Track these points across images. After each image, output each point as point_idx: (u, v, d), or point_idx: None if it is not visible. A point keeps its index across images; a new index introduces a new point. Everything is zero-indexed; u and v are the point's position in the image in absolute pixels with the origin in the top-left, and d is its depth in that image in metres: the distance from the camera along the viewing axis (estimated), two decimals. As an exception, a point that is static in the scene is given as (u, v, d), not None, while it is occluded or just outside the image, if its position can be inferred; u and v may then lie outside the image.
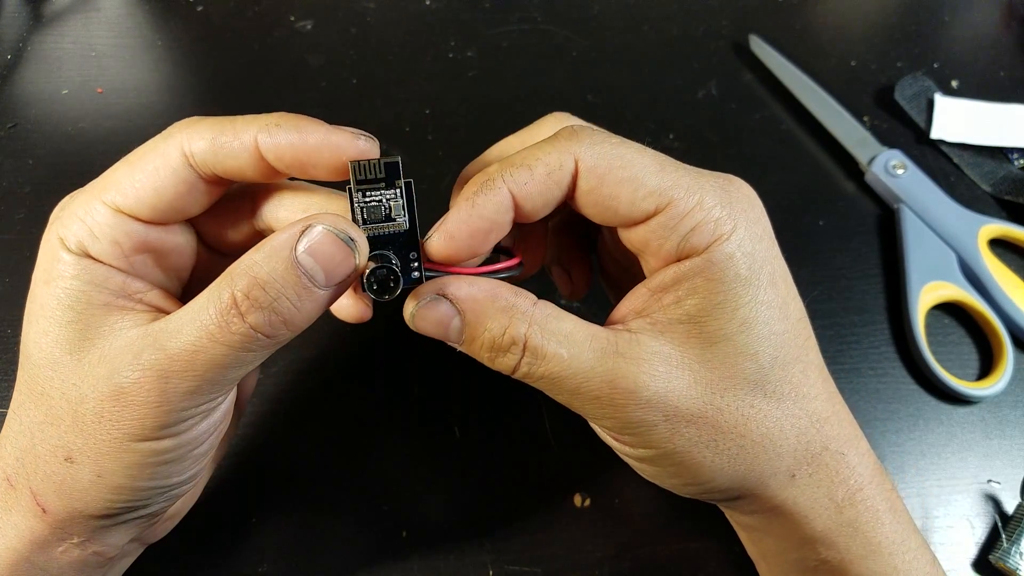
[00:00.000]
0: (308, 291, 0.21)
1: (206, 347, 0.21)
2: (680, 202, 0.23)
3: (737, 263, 0.23)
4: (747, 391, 0.24)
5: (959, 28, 0.50)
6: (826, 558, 0.25)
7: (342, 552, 0.32)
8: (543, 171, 0.23)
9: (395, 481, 0.34)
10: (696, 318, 0.23)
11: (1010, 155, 0.43)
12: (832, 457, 0.25)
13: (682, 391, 0.23)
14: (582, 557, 0.32)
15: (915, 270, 0.38)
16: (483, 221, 0.23)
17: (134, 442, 0.22)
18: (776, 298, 0.24)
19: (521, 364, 0.23)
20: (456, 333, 0.23)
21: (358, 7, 0.50)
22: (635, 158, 0.23)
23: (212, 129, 0.23)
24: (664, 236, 0.23)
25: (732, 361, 0.23)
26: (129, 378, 0.21)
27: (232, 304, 0.21)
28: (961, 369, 0.37)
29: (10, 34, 0.48)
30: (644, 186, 0.23)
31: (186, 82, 0.47)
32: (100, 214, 0.23)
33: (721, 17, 0.50)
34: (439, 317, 0.23)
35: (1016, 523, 0.32)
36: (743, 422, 0.23)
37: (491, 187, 0.23)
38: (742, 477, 0.24)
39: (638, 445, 0.24)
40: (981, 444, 0.35)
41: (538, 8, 0.50)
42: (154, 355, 0.21)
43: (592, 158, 0.23)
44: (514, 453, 0.34)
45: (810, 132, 0.45)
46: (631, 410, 0.23)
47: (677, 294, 0.24)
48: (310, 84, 0.46)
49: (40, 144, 0.43)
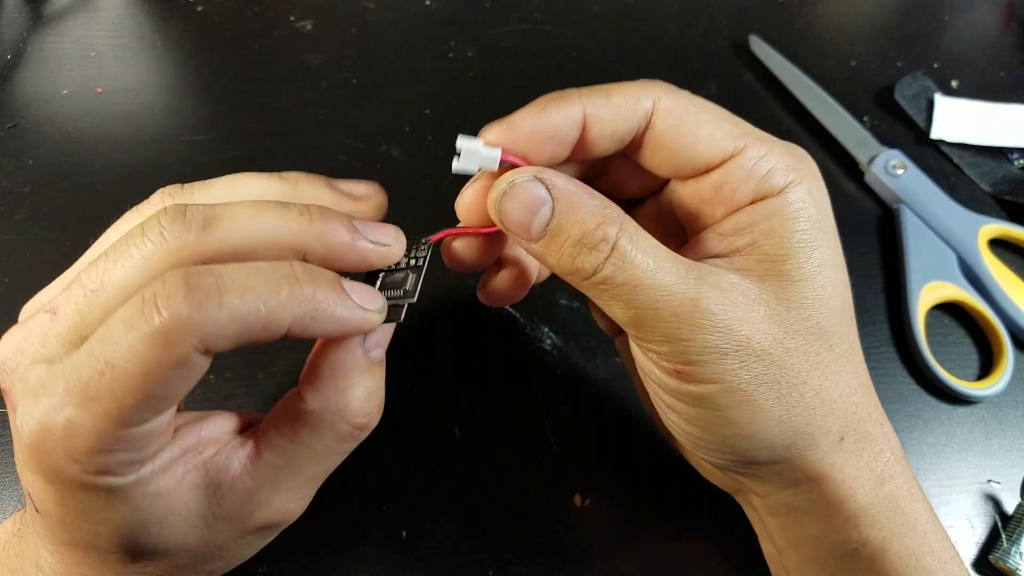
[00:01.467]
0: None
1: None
2: (753, 147, 0.24)
3: (810, 207, 0.24)
4: (815, 337, 0.23)
5: (959, 28, 0.50)
6: (868, 537, 0.24)
7: (342, 552, 0.32)
8: (620, 100, 0.23)
9: (395, 481, 0.34)
10: (774, 257, 0.23)
11: (1010, 155, 0.43)
12: (874, 426, 0.25)
13: (757, 324, 0.23)
14: (582, 557, 0.32)
15: (915, 270, 0.38)
16: (549, 125, 0.23)
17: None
18: (840, 250, 0.25)
19: (606, 264, 0.22)
20: (541, 222, 0.22)
21: (358, 7, 0.50)
22: (710, 105, 0.25)
23: (233, 326, 0.19)
24: (743, 176, 0.24)
25: (808, 303, 0.23)
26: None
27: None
28: (961, 369, 0.37)
29: (10, 34, 0.48)
30: (722, 127, 0.24)
31: (186, 82, 0.47)
32: (126, 439, 0.20)
33: (721, 17, 0.50)
34: (531, 200, 0.22)
35: (1016, 523, 0.32)
36: (807, 369, 0.23)
37: (565, 99, 0.23)
38: (795, 432, 0.23)
39: (703, 378, 0.23)
40: (981, 444, 0.35)
41: (538, 8, 0.50)
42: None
43: (670, 100, 0.24)
44: (514, 453, 0.34)
45: (810, 132, 0.45)
46: (707, 332, 0.22)
47: (753, 235, 0.24)
48: (310, 84, 0.46)
49: (40, 144, 0.43)
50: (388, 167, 0.43)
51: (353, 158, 0.43)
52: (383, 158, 0.43)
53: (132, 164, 0.43)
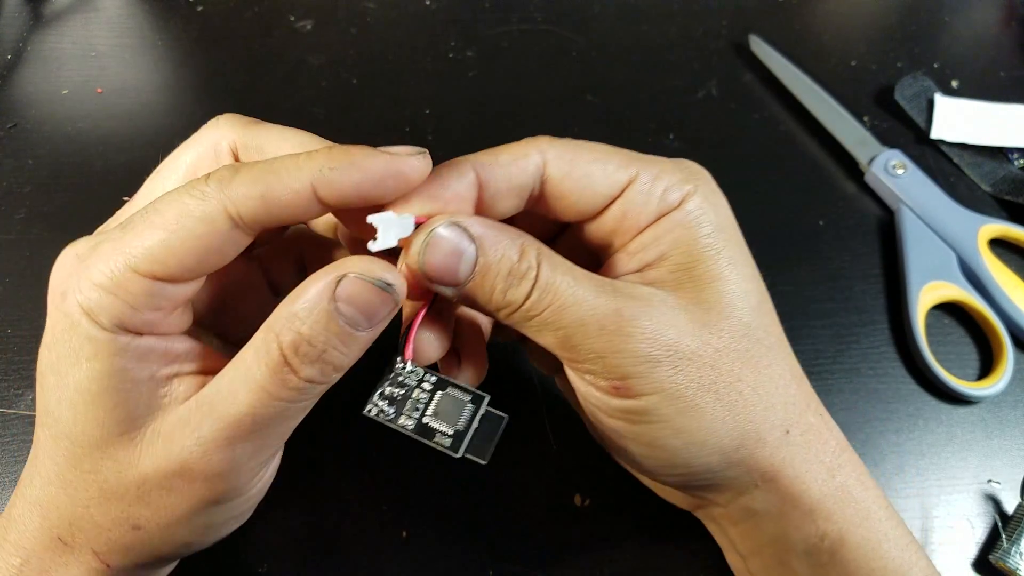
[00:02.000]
0: (353, 336, 0.21)
1: (265, 406, 0.21)
2: (645, 171, 0.25)
3: (709, 212, 0.24)
4: (740, 334, 0.24)
5: (959, 28, 0.50)
6: (825, 531, 0.24)
7: (342, 552, 0.32)
8: (507, 157, 0.24)
9: (395, 481, 0.34)
10: (684, 265, 0.24)
11: (1010, 155, 0.43)
12: (815, 416, 0.25)
13: (682, 327, 0.23)
14: (582, 558, 0.32)
15: (915, 270, 0.38)
16: (447, 190, 0.23)
17: (205, 507, 0.22)
18: (746, 248, 0.26)
19: (533, 291, 0.22)
20: (468, 265, 0.22)
21: (358, 7, 0.50)
22: (594, 144, 0.25)
23: (259, 183, 0.21)
24: (641, 202, 0.24)
25: (726, 301, 0.24)
26: (194, 453, 0.21)
27: (283, 362, 0.21)
28: (961, 369, 0.37)
29: (10, 34, 0.48)
30: (612, 160, 0.24)
31: (186, 82, 0.47)
32: (135, 284, 0.20)
33: (721, 17, 0.50)
34: (453, 247, 0.22)
35: (1016, 523, 0.32)
36: (739, 366, 0.24)
37: (458, 165, 0.23)
38: (741, 431, 0.24)
39: (641, 389, 0.23)
40: (981, 444, 0.35)
41: (538, 8, 0.50)
42: (215, 425, 0.21)
43: (557, 149, 0.24)
44: (514, 453, 0.34)
45: (810, 132, 0.45)
46: (636, 340, 0.22)
47: (660, 248, 0.24)
48: (310, 84, 0.46)
49: (40, 144, 0.43)
50: (388, 167, 0.43)
51: (353, 158, 0.43)
52: (383, 158, 0.43)
53: (132, 164, 0.43)
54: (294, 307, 0.21)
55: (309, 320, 0.20)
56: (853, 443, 0.35)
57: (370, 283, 0.21)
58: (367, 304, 0.21)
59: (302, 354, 0.21)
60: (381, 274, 0.21)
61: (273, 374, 0.21)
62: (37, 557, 0.23)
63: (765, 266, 0.27)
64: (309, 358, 0.21)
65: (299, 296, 0.21)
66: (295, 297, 0.21)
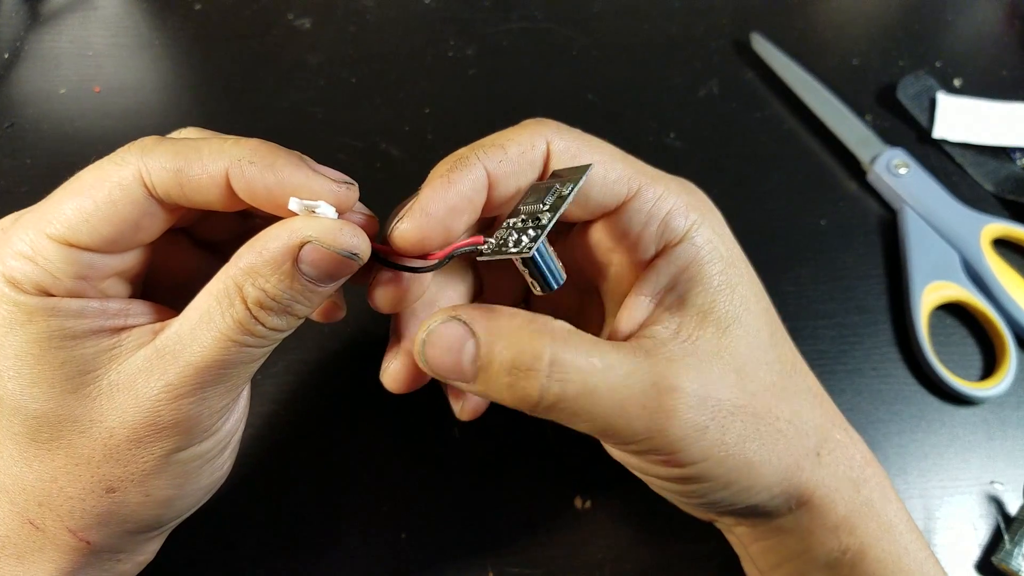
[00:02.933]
0: (315, 291, 0.21)
1: (231, 351, 0.21)
2: (648, 189, 0.24)
3: (719, 246, 0.24)
4: (766, 370, 0.23)
5: (962, 27, 0.50)
6: (847, 545, 0.24)
7: (342, 552, 0.32)
8: (516, 150, 0.23)
9: (395, 481, 0.33)
10: (703, 308, 0.23)
11: (1013, 154, 0.43)
12: (840, 433, 0.25)
13: (718, 382, 0.22)
14: (583, 559, 0.32)
15: (918, 270, 0.38)
16: (459, 198, 0.22)
17: (177, 455, 0.22)
18: (755, 277, 0.25)
19: (552, 383, 0.21)
20: (469, 359, 0.21)
21: (357, 5, 0.50)
22: (601, 145, 0.24)
23: (176, 159, 0.21)
24: (642, 222, 0.24)
25: (747, 341, 0.23)
26: (162, 401, 0.21)
27: (249, 315, 0.20)
28: (964, 370, 0.37)
29: (7, 33, 0.48)
30: (615, 169, 0.24)
31: (184, 81, 0.46)
32: (52, 251, 0.20)
33: (722, 15, 0.50)
34: (451, 341, 0.21)
35: (1019, 524, 0.32)
36: (774, 403, 0.23)
37: (466, 163, 0.22)
38: (785, 467, 0.23)
39: (691, 459, 0.22)
40: (984, 445, 0.35)
41: (538, 7, 0.50)
42: (180, 370, 0.21)
43: (563, 140, 0.23)
44: (514, 454, 0.34)
45: (812, 131, 0.45)
46: (682, 412, 0.21)
47: (677, 291, 0.24)
48: (309, 83, 0.46)
49: (37, 143, 0.43)
50: (387, 166, 0.43)
51: (352, 157, 0.43)
52: (382, 157, 0.43)
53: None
54: (256, 261, 0.20)
55: (273, 279, 0.20)
56: (856, 444, 0.35)
57: (334, 253, 0.20)
58: (331, 269, 0.21)
59: (267, 307, 0.21)
60: (346, 242, 0.20)
61: (239, 325, 0.20)
62: (12, 545, 0.22)
63: (767, 266, 0.27)
64: (274, 311, 0.21)
65: (260, 250, 0.20)
66: (256, 249, 0.20)
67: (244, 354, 0.21)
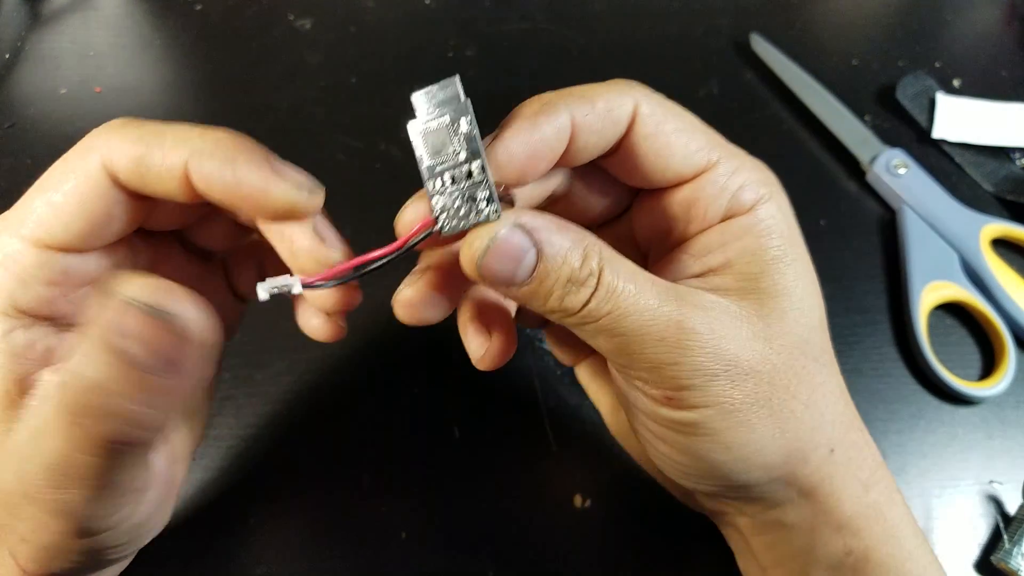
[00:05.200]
0: (149, 383, 0.17)
1: (69, 463, 0.18)
2: (725, 162, 0.24)
3: (781, 223, 0.24)
4: (799, 350, 0.23)
5: (961, 27, 0.50)
6: (851, 547, 0.24)
7: (342, 552, 0.32)
8: (604, 106, 0.22)
9: (395, 481, 0.34)
10: (749, 275, 0.23)
11: (1012, 154, 0.43)
12: (858, 434, 0.25)
13: (743, 342, 0.22)
14: (582, 558, 0.32)
15: (917, 270, 0.38)
16: (543, 143, 0.21)
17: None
18: (811, 264, 0.25)
19: (592, 298, 0.21)
20: (527, 270, 0.21)
21: (357, 5, 0.50)
22: (685, 113, 0.24)
23: (137, 145, 0.20)
24: (715, 193, 0.24)
25: (788, 317, 0.23)
26: (29, 489, 0.18)
27: (73, 420, 0.17)
28: (963, 369, 0.37)
29: (8, 33, 0.48)
30: (696, 140, 0.24)
31: (184, 81, 0.47)
32: (23, 254, 0.19)
33: (722, 16, 0.50)
34: (515, 252, 0.21)
35: (1018, 524, 0.32)
36: (795, 382, 0.23)
37: (553, 109, 0.22)
38: (789, 449, 0.23)
39: (695, 402, 0.22)
40: (983, 444, 0.35)
41: (538, 7, 0.50)
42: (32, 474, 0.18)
43: (650, 105, 0.23)
44: (514, 453, 0.34)
45: (811, 131, 0.45)
46: (696, 354, 0.21)
47: (726, 254, 0.23)
48: (309, 83, 0.46)
49: (38, 144, 0.43)
50: (387, 166, 0.43)
51: (352, 157, 0.43)
52: (382, 157, 0.43)
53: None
54: (78, 348, 0.17)
55: (90, 366, 0.17)
56: (855, 444, 0.35)
57: (146, 314, 0.17)
58: (153, 342, 0.17)
59: (91, 408, 0.17)
60: (160, 299, 0.17)
61: (69, 431, 0.17)
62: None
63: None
64: (99, 412, 0.17)
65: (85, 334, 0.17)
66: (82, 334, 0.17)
67: (87, 462, 0.18)
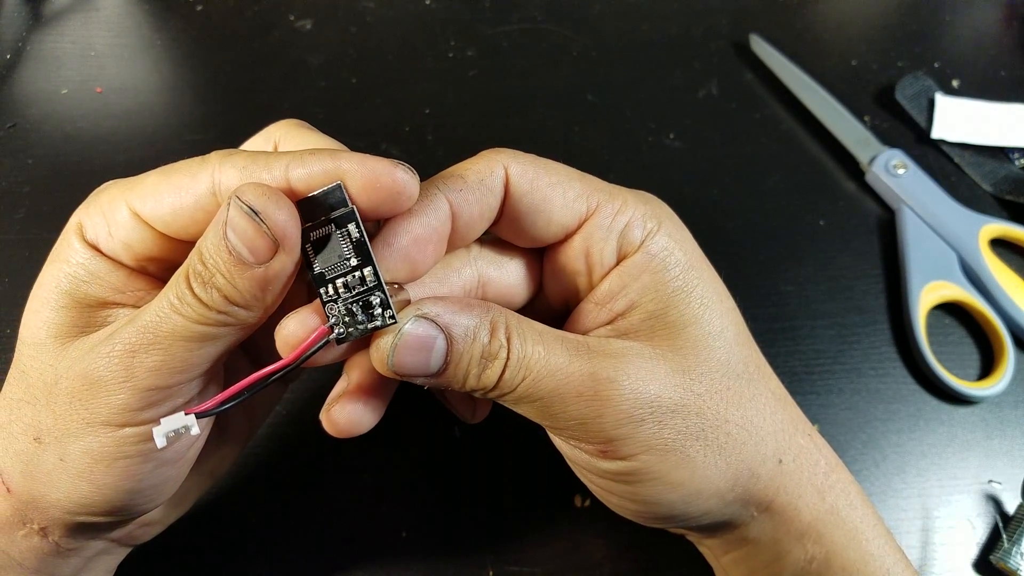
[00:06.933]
0: (240, 267, 0.20)
1: (167, 319, 0.21)
2: (607, 204, 0.24)
3: (675, 251, 0.24)
4: (721, 373, 0.23)
5: (960, 28, 0.50)
6: (813, 554, 0.24)
7: (342, 552, 0.32)
8: (475, 178, 0.23)
9: (395, 481, 0.34)
10: (655, 313, 0.23)
11: (1011, 155, 0.43)
12: (803, 438, 0.25)
13: (662, 380, 0.22)
14: (582, 558, 0.32)
15: (916, 270, 0.38)
16: (425, 229, 0.22)
17: (99, 426, 0.21)
18: (717, 279, 0.25)
19: (506, 369, 0.22)
20: (439, 356, 0.21)
21: (358, 6, 0.50)
22: (557, 166, 0.24)
23: (244, 159, 0.21)
24: (603, 237, 0.24)
25: (703, 343, 0.23)
26: (101, 357, 0.21)
27: (185, 279, 0.20)
28: (962, 369, 0.37)
29: (10, 34, 0.48)
30: (572, 188, 0.24)
31: (185, 81, 0.47)
32: (121, 214, 0.22)
33: (721, 16, 0.50)
34: (422, 342, 0.21)
35: (1017, 523, 0.32)
36: (723, 406, 0.23)
37: (427, 195, 0.22)
38: (736, 471, 0.23)
39: (629, 450, 0.22)
40: (982, 444, 0.35)
41: (538, 8, 0.50)
42: (123, 333, 0.21)
43: (520, 165, 0.23)
44: (514, 453, 0.34)
45: (811, 132, 0.45)
46: (616, 403, 0.22)
47: (629, 297, 0.24)
48: (310, 84, 0.46)
49: (39, 144, 0.43)
50: (388, 167, 0.43)
51: (353, 158, 0.43)
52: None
53: (132, 163, 0.43)
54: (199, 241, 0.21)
55: (206, 240, 0.20)
56: (854, 443, 0.35)
57: (242, 209, 0.19)
58: (243, 232, 0.19)
59: (196, 273, 0.20)
60: (254, 200, 0.19)
61: (177, 289, 0.21)
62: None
63: (766, 266, 0.27)
64: (201, 278, 0.20)
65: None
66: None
67: (178, 325, 0.21)
